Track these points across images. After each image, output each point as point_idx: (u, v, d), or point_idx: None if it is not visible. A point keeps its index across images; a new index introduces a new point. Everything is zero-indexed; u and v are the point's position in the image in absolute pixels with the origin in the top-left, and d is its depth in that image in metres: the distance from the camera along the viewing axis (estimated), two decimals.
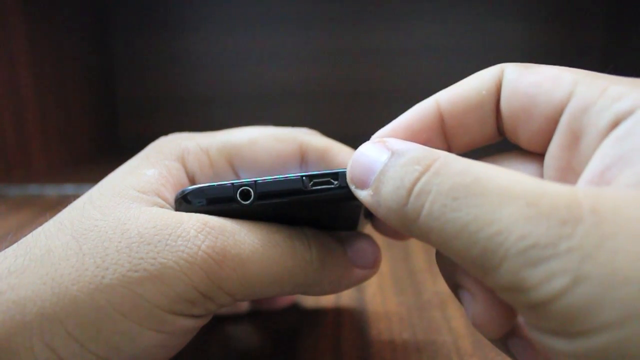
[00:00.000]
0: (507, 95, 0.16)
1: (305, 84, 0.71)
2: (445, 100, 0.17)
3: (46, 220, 0.18)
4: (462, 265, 0.13)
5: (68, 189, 0.49)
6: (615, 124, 0.13)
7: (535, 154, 0.17)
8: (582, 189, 0.12)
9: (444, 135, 0.17)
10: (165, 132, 0.23)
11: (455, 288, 0.16)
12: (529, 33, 0.67)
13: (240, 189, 0.17)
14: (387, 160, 0.14)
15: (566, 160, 0.15)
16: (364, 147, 0.16)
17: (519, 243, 0.11)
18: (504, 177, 0.12)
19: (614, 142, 0.13)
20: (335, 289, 0.20)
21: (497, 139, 0.17)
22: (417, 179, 0.13)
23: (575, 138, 0.15)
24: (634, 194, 0.11)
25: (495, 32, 0.68)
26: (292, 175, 0.17)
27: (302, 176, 0.17)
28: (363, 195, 0.15)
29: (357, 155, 0.16)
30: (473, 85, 0.17)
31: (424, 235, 0.13)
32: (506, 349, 0.16)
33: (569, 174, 0.15)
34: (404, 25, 0.68)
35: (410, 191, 0.13)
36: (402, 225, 0.14)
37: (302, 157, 0.21)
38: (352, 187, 0.16)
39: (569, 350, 0.11)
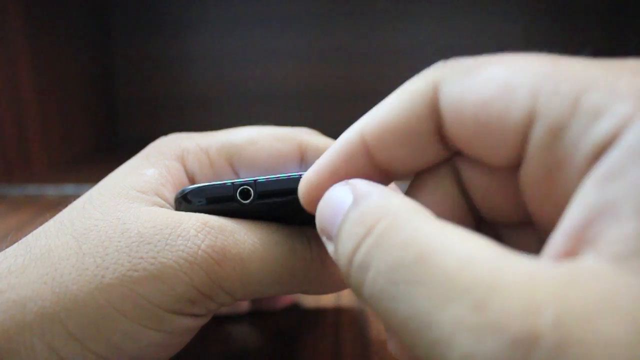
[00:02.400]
0: (452, 121, 0.13)
1: (305, 84, 0.71)
2: (370, 135, 0.14)
3: (46, 220, 0.18)
4: None
5: (68, 189, 0.49)
6: (596, 156, 0.10)
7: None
8: (549, 277, 0.09)
9: (379, 170, 0.14)
10: (165, 132, 0.23)
11: None
12: (529, 33, 0.67)
13: (240, 188, 0.17)
14: (348, 209, 0.12)
15: (544, 191, 0.12)
16: (329, 193, 0.14)
17: None
18: (453, 253, 0.10)
19: (597, 185, 0.10)
20: (336, 288, 0.20)
21: (446, 155, 0.14)
22: (358, 246, 0.11)
23: (549, 169, 0.11)
24: (611, 286, 0.09)
25: (495, 32, 0.68)
26: (292, 174, 0.17)
27: (301, 175, 0.17)
28: (330, 250, 0.13)
29: (322, 203, 0.14)
30: (400, 112, 0.13)
31: (374, 312, 0.11)
32: None
33: (549, 204, 0.12)
34: (404, 25, 0.68)
35: (350, 261, 0.11)
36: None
37: (302, 157, 0.21)
38: (323, 239, 0.14)
39: None
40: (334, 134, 0.25)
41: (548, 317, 0.08)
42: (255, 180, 0.17)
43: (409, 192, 0.15)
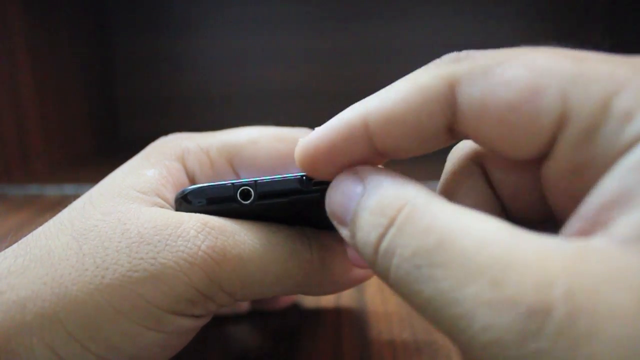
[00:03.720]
0: (473, 122, 0.13)
1: (305, 84, 0.71)
2: (375, 122, 0.14)
3: (46, 220, 0.18)
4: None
5: (68, 189, 0.49)
6: (625, 150, 0.11)
7: None
8: (562, 253, 0.10)
9: (377, 151, 0.14)
10: (165, 132, 0.23)
11: None
12: (528, 33, 0.67)
13: (241, 188, 0.17)
14: (360, 198, 0.13)
15: (568, 187, 0.12)
16: (338, 180, 0.15)
17: (482, 335, 0.10)
18: (471, 236, 0.11)
19: (621, 173, 0.10)
20: (336, 288, 0.20)
21: (452, 142, 0.14)
22: (382, 236, 0.12)
23: (577, 168, 0.12)
24: (618, 264, 0.09)
25: (494, 32, 0.68)
26: (292, 175, 0.17)
27: (302, 176, 0.17)
28: (344, 234, 0.14)
29: (332, 190, 0.15)
30: (410, 107, 0.13)
31: (399, 296, 0.12)
32: None
33: (571, 200, 0.12)
34: (404, 25, 0.68)
35: (376, 250, 0.12)
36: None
37: None
38: (334, 223, 0.15)
39: None
40: None
41: (559, 290, 0.09)
42: (255, 181, 0.17)
43: (442, 193, 0.15)
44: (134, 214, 0.16)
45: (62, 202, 0.19)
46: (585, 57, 0.12)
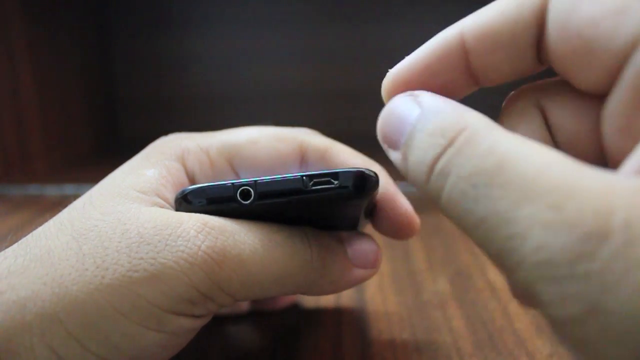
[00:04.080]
0: (556, 34, 0.13)
1: (305, 84, 0.71)
2: (472, 35, 0.14)
3: (46, 220, 0.18)
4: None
5: (68, 189, 0.49)
6: None
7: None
8: (622, 187, 0.10)
9: (470, 73, 0.15)
10: (165, 132, 0.23)
11: None
12: None
13: (241, 188, 0.17)
14: (416, 120, 0.13)
15: (627, 121, 0.12)
16: (394, 103, 0.14)
17: (534, 255, 0.10)
18: (531, 162, 0.11)
19: None
20: (336, 288, 0.20)
21: (538, 69, 0.15)
22: (439, 156, 0.12)
23: (637, 101, 0.12)
24: None
25: None
26: (292, 175, 0.17)
27: (302, 176, 0.17)
28: (394, 157, 0.14)
29: (386, 113, 0.15)
30: (509, 16, 0.13)
31: (448, 216, 0.12)
32: None
33: (629, 139, 0.12)
34: (404, 25, 0.68)
35: (431, 169, 0.12)
36: (429, 200, 0.13)
37: (302, 157, 0.21)
38: (385, 146, 0.15)
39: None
40: (334, 134, 0.25)
41: (619, 219, 0.09)
42: (255, 181, 0.17)
43: None
44: (134, 214, 0.16)
45: (62, 202, 0.19)
46: None
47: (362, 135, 0.36)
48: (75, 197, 0.19)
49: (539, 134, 0.15)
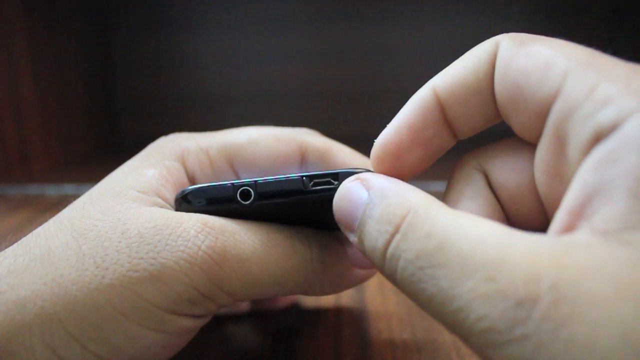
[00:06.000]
0: (499, 80, 0.14)
1: (305, 84, 0.71)
2: (443, 89, 0.15)
3: (46, 220, 0.18)
4: None
5: (68, 189, 0.49)
6: (597, 139, 0.12)
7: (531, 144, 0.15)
8: (548, 252, 0.11)
9: (448, 125, 0.16)
10: (165, 132, 0.23)
11: None
12: (528, 33, 0.67)
13: (241, 189, 0.17)
14: (365, 205, 0.14)
15: (553, 166, 0.14)
16: (345, 188, 0.15)
17: (478, 324, 0.11)
18: (467, 237, 0.12)
19: (595, 166, 0.11)
20: (336, 289, 0.20)
21: (501, 119, 0.16)
22: (388, 243, 0.13)
23: (561, 144, 0.13)
24: (599, 255, 0.10)
25: (494, 32, 0.67)
26: (292, 175, 0.17)
27: (302, 176, 0.17)
28: (351, 239, 0.15)
29: (339, 197, 0.16)
30: (470, 68, 0.15)
31: (405, 294, 0.13)
32: None
33: (557, 181, 0.14)
34: (404, 25, 0.68)
35: (384, 254, 0.13)
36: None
37: (302, 157, 0.21)
38: (342, 228, 0.16)
39: None
40: (334, 134, 0.25)
41: (546, 283, 0.10)
42: (255, 181, 0.17)
43: (447, 201, 0.16)
44: (134, 214, 0.16)
45: (62, 202, 0.19)
46: (602, 55, 0.13)
47: (362, 135, 0.36)
48: (75, 197, 0.19)
49: (483, 196, 0.16)
